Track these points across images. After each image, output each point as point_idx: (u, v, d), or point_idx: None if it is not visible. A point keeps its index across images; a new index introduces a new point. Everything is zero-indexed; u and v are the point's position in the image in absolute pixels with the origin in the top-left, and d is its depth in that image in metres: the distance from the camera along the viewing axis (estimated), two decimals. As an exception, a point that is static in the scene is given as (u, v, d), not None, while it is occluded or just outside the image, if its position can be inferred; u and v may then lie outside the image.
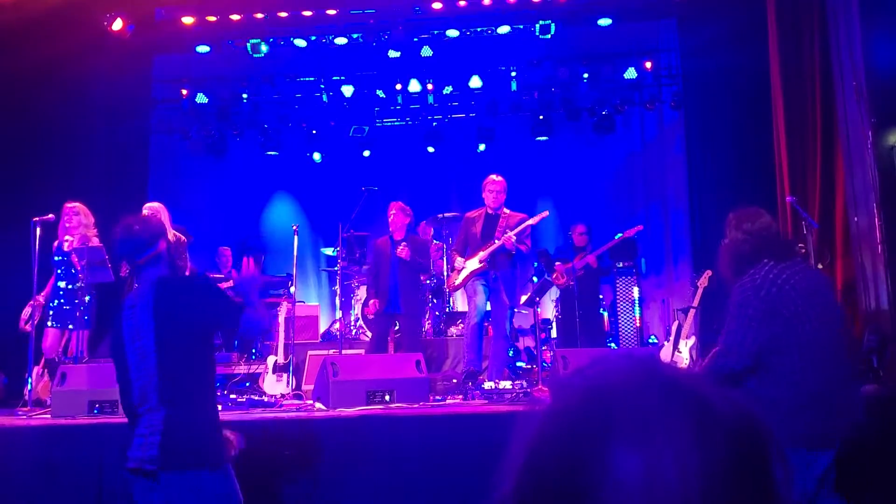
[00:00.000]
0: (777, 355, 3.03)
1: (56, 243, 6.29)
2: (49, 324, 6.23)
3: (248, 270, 3.39)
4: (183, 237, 6.60)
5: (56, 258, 6.27)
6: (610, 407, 0.68)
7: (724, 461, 0.65)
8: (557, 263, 8.33)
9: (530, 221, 6.63)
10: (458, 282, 6.67)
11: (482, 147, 10.41)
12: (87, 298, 6.21)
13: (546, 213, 6.93)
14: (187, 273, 7.18)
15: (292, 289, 7.80)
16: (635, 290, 8.91)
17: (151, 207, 6.45)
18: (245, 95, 10.05)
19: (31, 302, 6.27)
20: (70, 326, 6.26)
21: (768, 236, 3.31)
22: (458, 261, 6.71)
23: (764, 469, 0.68)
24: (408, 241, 6.97)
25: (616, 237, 8.35)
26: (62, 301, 6.25)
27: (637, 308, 8.87)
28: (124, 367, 2.96)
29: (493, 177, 6.77)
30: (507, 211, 6.71)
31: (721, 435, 0.66)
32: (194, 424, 2.89)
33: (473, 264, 6.55)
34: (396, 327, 7.31)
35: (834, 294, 3.35)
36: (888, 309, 5.75)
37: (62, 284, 6.28)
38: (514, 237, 6.43)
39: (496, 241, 6.47)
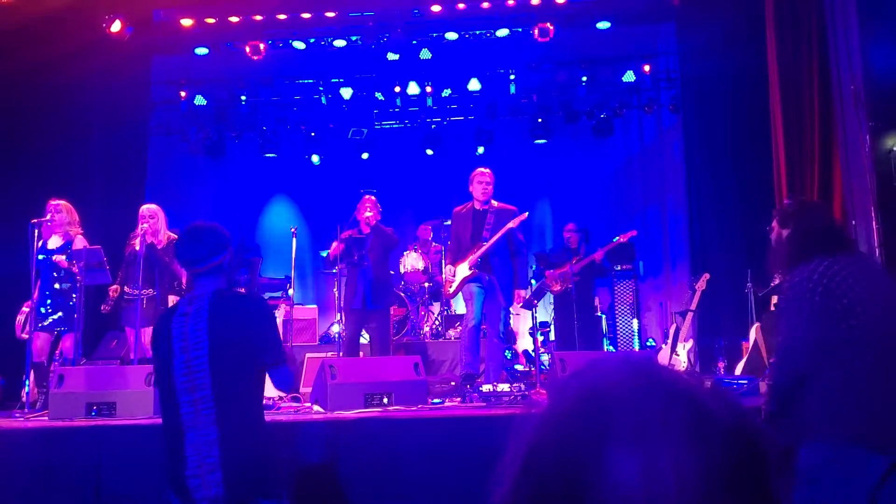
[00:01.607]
0: (839, 352, 2.84)
1: (40, 242, 6.21)
2: (38, 326, 6.13)
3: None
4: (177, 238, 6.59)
5: (40, 257, 6.18)
6: (607, 409, 0.68)
7: (722, 464, 0.65)
8: (548, 271, 8.34)
9: (510, 226, 6.44)
10: (451, 290, 6.66)
11: (481, 150, 10.41)
12: (73, 297, 6.18)
13: (525, 216, 6.61)
14: (185, 278, 7.20)
15: (290, 291, 7.80)
16: (633, 293, 8.91)
17: (149, 209, 6.45)
18: (244, 97, 10.06)
19: (24, 307, 6.27)
20: (60, 329, 6.23)
21: (821, 230, 3.12)
22: (448, 270, 6.65)
23: (761, 472, 0.68)
24: (376, 233, 6.84)
25: (613, 241, 8.37)
26: (49, 303, 6.21)
27: (635, 311, 8.87)
28: (169, 378, 2.81)
29: (481, 169, 6.66)
30: (495, 203, 6.62)
31: (718, 438, 0.67)
32: (257, 452, 2.78)
33: (463, 271, 6.49)
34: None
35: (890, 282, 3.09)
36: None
37: (48, 286, 6.22)
38: (515, 223, 6.37)
39: (483, 242, 6.41)
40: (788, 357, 2.93)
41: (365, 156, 10.67)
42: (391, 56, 9.53)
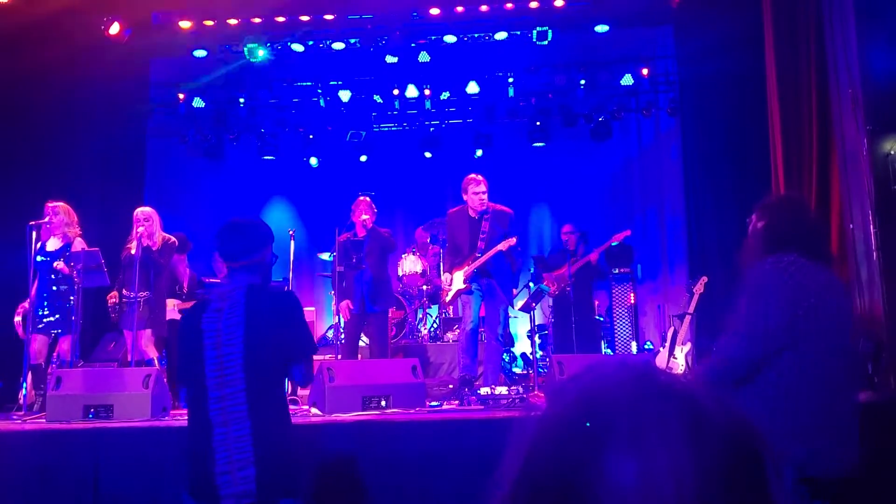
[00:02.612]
0: (788, 351, 2.79)
1: (39, 244, 6.21)
2: (35, 328, 6.13)
3: None
4: (174, 239, 6.59)
5: (38, 259, 6.18)
6: (605, 412, 0.68)
7: (719, 467, 0.66)
8: (546, 273, 8.34)
9: (499, 248, 6.34)
10: (447, 299, 6.67)
11: (479, 153, 10.42)
12: (71, 299, 6.17)
13: (513, 241, 6.41)
14: (186, 281, 7.19)
15: (288, 293, 7.79)
16: (631, 295, 8.92)
17: (143, 212, 6.44)
18: (242, 100, 10.06)
19: (21, 307, 6.26)
20: (57, 331, 6.23)
21: (799, 224, 3.07)
22: (444, 278, 6.64)
23: (759, 475, 0.68)
24: (373, 235, 6.82)
25: (609, 241, 8.39)
26: (46, 305, 6.21)
27: (633, 314, 8.88)
28: (199, 374, 2.75)
29: (474, 176, 6.55)
30: (490, 205, 6.55)
31: (716, 441, 0.67)
32: (285, 450, 2.75)
33: (458, 283, 6.48)
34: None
35: (850, 304, 3.05)
36: (883, 316, 5.75)
37: (46, 288, 6.22)
38: (504, 246, 6.34)
39: (478, 255, 6.37)
40: (754, 339, 2.82)
41: (363, 158, 10.67)
42: (390, 59, 9.53)
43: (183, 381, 2.88)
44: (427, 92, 9.94)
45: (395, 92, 9.95)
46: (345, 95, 9.98)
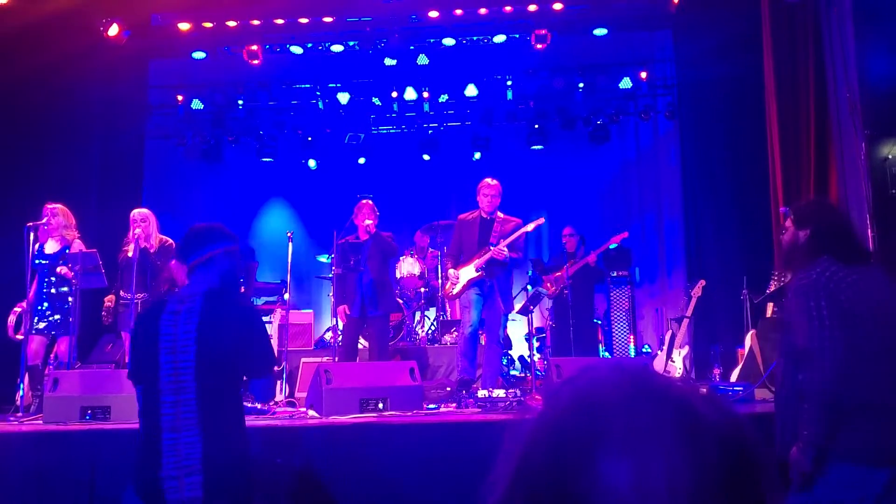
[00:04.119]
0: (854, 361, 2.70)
1: (37, 246, 6.21)
2: (33, 330, 6.12)
3: None
4: (171, 241, 6.58)
5: (36, 262, 6.18)
6: (600, 415, 0.69)
7: (714, 470, 0.66)
8: (545, 275, 8.35)
9: (526, 229, 6.59)
10: (455, 291, 6.61)
11: (477, 155, 10.43)
12: (69, 300, 6.17)
13: (542, 221, 6.88)
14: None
15: (286, 295, 7.79)
16: (629, 299, 8.92)
17: (140, 214, 6.43)
18: (241, 102, 10.06)
19: (17, 308, 6.25)
20: (53, 333, 6.22)
21: (842, 231, 2.99)
22: (452, 272, 6.64)
23: (753, 478, 0.69)
24: (376, 239, 6.76)
25: (607, 244, 8.39)
26: (45, 306, 6.20)
27: (631, 317, 8.88)
28: (153, 377, 2.72)
29: (488, 180, 6.71)
30: (501, 215, 6.67)
31: (710, 443, 0.67)
32: (236, 459, 2.71)
33: (470, 273, 6.50)
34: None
35: None
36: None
37: (45, 289, 6.22)
38: (506, 250, 6.39)
39: (492, 246, 6.44)
40: (830, 364, 2.68)
41: (362, 161, 10.66)
42: (388, 61, 9.54)
43: (137, 381, 2.83)
44: (426, 94, 9.94)
45: (394, 94, 9.96)
46: (343, 98, 9.98)
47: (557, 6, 8.74)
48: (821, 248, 2.93)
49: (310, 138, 10.48)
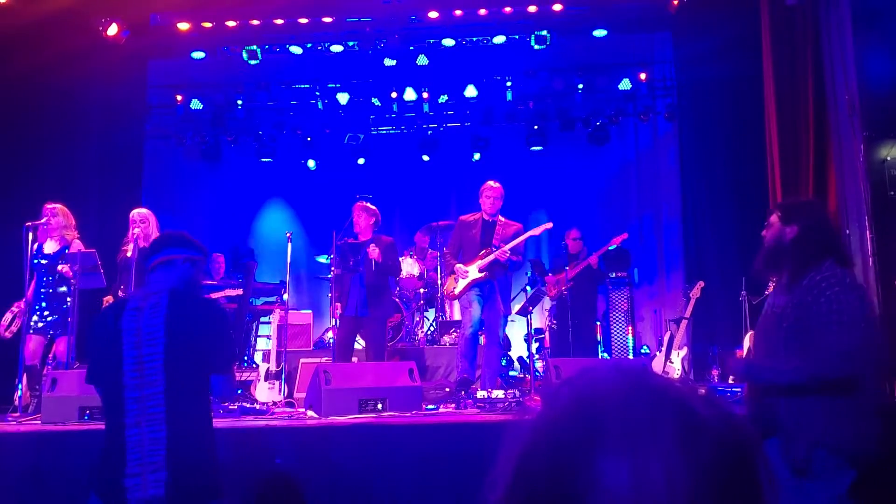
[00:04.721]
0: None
1: (36, 245, 6.20)
2: (31, 329, 6.11)
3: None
4: None
5: (35, 261, 6.17)
6: (598, 415, 0.69)
7: (711, 468, 0.66)
8: (549, 275, 8.35)
9: (533, 232, 6.59)
10: (458, 290, 6.58)
11: (477, 156, 10.43)
12: (67, 300, 6.16)
13: (550, 225, 6.88)
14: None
15: (285, 296, 7.78)
16: (628, 300, 8.92)
17: (140, 214, 6.43)
18: (240, 102, 10.06)
19: (14, 307, 6.25)
20: (53, 332, 6.21)
21: (832, 231, 3.01)
22: (460, 266, 6.60)
23: (750, 476, 0.69)
24: (375, 242, 6.71)
25: (610, 248, 8.39)
26: (43, 306, 6.20)
27: (630, 318, 8.88)
28: (117, 374, 2.66)
29: (491, 183, 6.72)
30: (502, 219, 6.69)
31: (707, 443, 0.67)
32: (203, 456, 2.67)
33: (474, 273, 6.50)
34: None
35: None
36: (879, 319, 5.77)
37: (43, 289, 6.22)
38: (508, 252, 6.40)
39: (494, 248, 6.44)
40: (875, 367, 2.77)
41: (361, 161, 10.66)
42: (388, 62, 9.54)
43: (95, 381, 2.80)
44: (425, 95, 9.94)
45: (394, 95, 9.96)
46: (343, 98, 9.98)
47: (557, 7, 8.74)
48: (823, 250, 2.89)
49: (309, 138, 10.48)
